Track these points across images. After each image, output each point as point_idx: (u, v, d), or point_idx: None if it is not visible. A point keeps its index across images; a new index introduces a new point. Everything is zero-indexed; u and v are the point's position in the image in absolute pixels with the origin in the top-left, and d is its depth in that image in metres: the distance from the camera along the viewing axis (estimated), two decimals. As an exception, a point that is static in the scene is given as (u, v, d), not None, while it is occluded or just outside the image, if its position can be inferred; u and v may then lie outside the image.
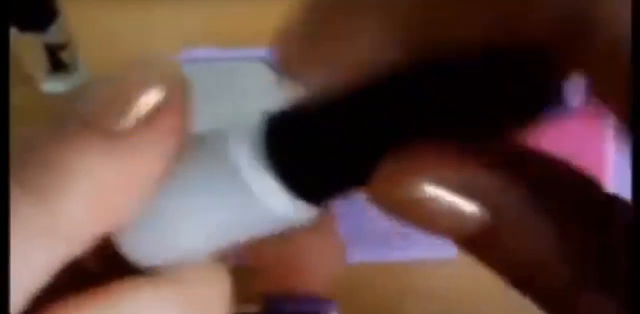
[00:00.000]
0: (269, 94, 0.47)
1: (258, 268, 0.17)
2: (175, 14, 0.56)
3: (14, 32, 0.46)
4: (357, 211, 0.46)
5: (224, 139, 0.15)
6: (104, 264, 0.16)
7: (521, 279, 0.12)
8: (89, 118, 0.14)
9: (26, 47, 0.48)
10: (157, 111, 0.14)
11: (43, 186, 0.14)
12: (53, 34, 0.47)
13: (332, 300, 0.46)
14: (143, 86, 0.14)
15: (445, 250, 0.46)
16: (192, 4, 0.56)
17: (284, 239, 0.16)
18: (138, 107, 0.14)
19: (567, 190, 0.12)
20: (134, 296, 0.15)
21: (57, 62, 0.49)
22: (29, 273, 0.14)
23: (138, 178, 0.14)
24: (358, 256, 0.46)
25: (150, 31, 0.54)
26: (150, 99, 0.14)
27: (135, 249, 0.16)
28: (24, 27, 0.46)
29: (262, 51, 0.49)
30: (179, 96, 0.15)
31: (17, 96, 0.33)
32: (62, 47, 0.48)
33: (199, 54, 0.50)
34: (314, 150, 0.14)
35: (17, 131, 0.15)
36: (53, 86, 0.51)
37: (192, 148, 0.15)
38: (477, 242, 0.12)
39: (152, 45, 0.52)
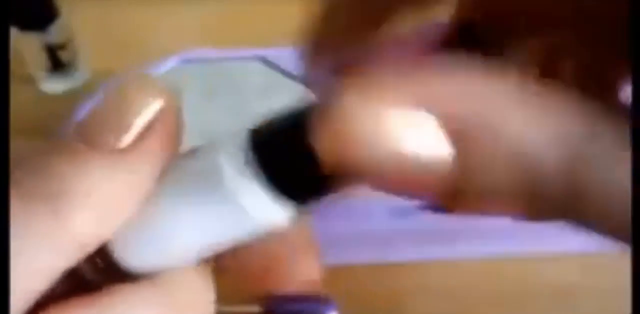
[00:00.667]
0: (269, 94, 0.47)
1: (235, 269, 0.18)
2: (174, 14, 0.56)
3: (14, 32, 0.46)
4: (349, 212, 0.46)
5: (212, 149, 0.16)
6: (99, 272, 0.17)
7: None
8: (90, 137, 0.15)
9: (26, 47, 0.48)
10: (152, 127, 0.16)
11: (52, 198, 0.15)
12: (53, 34, 0.47)
13: (332, 300, 0.46)
14: (138, 105, 0.16)
15: (438, 252, 0.46)
16: (192, 3, 0.56)
17: (260, 243, 0.16)
18: (134, 125, 0.15)
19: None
20: (124, 301, 0.16)
21: (57, 62, 0.49)
22: (34, 276, 0.15)
23: (136, 189, 0.16)
24: (349, 257, 0.46)
25: (149, 31, 0.54)
26: (144, 116, 0.16)
27: (129, 256, 0.17)
28: (24, 27, 0.46)
29: (261, 51, 0.49)
30: (171, 112, 0.16)
31: (17, 96, 0.33)
32: (62, 47, 0.48)
33: (198, 54, 0.50)
34: (296, 152, 0.15)
35: (18, 142, 0.16)
36: (53, 86, 0.51)
37: (184, 158, 0.16)
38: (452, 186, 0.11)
39: (152, 46, 0.52)
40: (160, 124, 0.16)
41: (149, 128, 0.16)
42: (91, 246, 0.16)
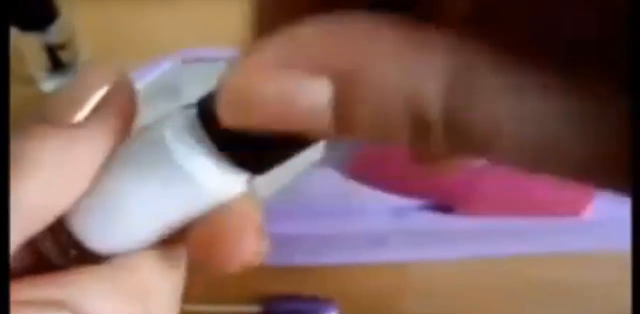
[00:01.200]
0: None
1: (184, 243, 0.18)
2: (174, 13, 0.56)
3: (14, 32, 0.46)
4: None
5: (158, 125, 0.16)
6: (62, 253, 0.17)
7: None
8: (47, 114, 0.16)
9: (26, 47, 0.48)
10: (104, 105, 0.17)
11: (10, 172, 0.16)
12: (53, 34, 0.47)
13: (332, 300, 0.46)
14: (90, 86, 0.17)
15: (437, 252, 0.46)
16: (192, 4, 0.56)
17: (205, 219, 0.17)
18: (86, 103, 0.17)
19: None
20: (77, 281, 0.16)
21: (57, 62, 0.49)
22: None
23: (86, 161, 0.16)
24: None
25: (149, 31, 0.54)
26: (96, 95, 0.17)
27: (88, 237, 0.17)
28: (24, 27, 0.46)
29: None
30: (122, 94, 0.17)
31: (17, 96, 0.33)
32: (62, 47, 0.48)
33: (198, 54, 0.50)
34: None
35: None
36: (53, 85, 0.51)
37: (135, 137, 0.17)
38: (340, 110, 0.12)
39: (152, 45, 0.52)
40: (112, 103, 0.17)
41: (100, 106, 0.17)
42: (46, 217, 0.16)
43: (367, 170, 0.43)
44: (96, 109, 0.17)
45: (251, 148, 0.15)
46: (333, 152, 0.41)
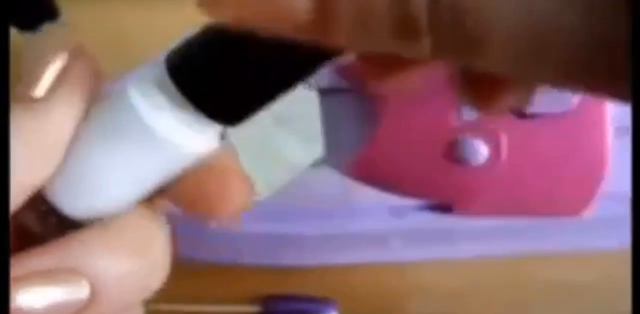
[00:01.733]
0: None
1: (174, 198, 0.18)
2: (175, 13, 0.56)
3: (14, 32, 0.46)
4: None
5: (122, 85, 0.17)
6: (47, 225, 0.17)
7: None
8: (15, 92, 0.17)
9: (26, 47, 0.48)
10: (63, 76, 0.17)
11: None
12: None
13: (332, 300, 0.46)
14: (44, 58, 0.18)
15: (437, 252, 0.46)
16: (192, 3, 0.56)
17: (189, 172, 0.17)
18: (44, 76, 0.17)
19: None
20: (82, 245, 0.17)
21: (57, 62, 0.49)
22: None
23: (55, 132, 0.17)
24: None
25: (150, 31, 0.54)
26: (52, 67, 0.17)
27: (69, 205, 0.17)
28: (24, 27, 0.46)
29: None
30: (79, 61, 0.18)
31: (17, 96, 0.33)
32: (62, 47, 0.48)
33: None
34: (212, 67, 0.15)
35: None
36: (53, 85, 0.51)
37: (102, 101, 0.17)
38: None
39: (152, 46, 0.52)
40: (71, 72, 0.17)
41: (60, 77, 0.17)
42: (25, 190, 0.17)
43: (367, 170, 0.43)
44: (57, 80, 0.17)
45: (225, 96, 0.15)
46: (333, 152, 0.41)
